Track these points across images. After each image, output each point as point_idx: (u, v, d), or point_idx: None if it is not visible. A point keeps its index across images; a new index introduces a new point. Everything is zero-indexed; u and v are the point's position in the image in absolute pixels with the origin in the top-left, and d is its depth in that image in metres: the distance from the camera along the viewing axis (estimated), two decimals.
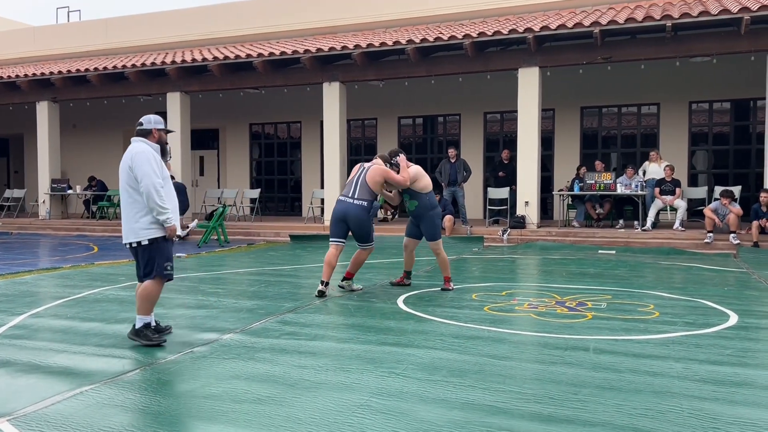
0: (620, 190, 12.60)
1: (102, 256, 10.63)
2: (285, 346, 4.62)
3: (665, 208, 12.69)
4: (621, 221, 13.14)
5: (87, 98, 17.17)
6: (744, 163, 14.50)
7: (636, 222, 12.67)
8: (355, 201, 6.71)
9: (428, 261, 9.46)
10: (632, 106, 15.20)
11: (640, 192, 12.49)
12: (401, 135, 17.29)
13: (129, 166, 4.66)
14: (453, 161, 13.67)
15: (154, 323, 4.92)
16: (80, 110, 19.01)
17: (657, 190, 12.58)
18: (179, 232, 4.77)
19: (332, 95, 14.45)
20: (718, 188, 12.47)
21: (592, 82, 14.43)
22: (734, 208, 11.26)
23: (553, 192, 14.52)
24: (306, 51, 14.13)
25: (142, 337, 4.65)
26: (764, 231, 11.12)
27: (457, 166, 13.60)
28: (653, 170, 13.06)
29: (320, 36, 16.70)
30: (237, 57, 14.71)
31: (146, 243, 4.65)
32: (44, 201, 17.47)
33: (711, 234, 11.21)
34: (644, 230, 12.16)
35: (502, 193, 13.89)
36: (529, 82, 12.89)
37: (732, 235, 11.08)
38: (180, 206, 14.08)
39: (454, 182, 13.57)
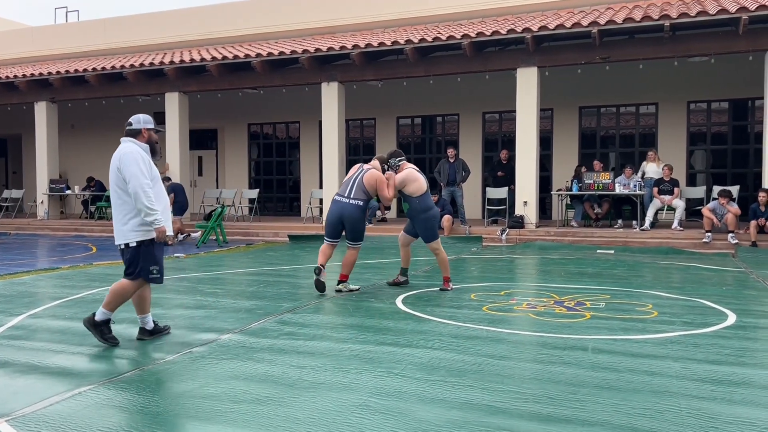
0: (619, 190, 12.61)
1: (100, 257, 10.62)
2: (283, 346, 4.62)
3: (663, 208, 12.71)
4: (619, 221, 13.16)
5: (85, 98, 17.16)
6: (742, 163, 14.51)
7: (634, 222, 12.68)
8: (351, 200, 6.84)
9: (427, 261, 9.46)
10: (630, 106, 15.21)
11: (639, 192, 12.50)
12: (400, 135, 17.29)
13: (117, 168, 4.61)
14: (452, 161, 13.67)
15: (152, 323, 4.92)
16: (79, 110, 19.00)
17: (655, 190, 12.59)
18: (170, 233, 4.70)
19: (331, 95, 14.45)
20: (717, 188, 12.49)
21: (591, 82, 14.44)
22: (732, 208, 11.27)
23: (552, 192, 14.53)
24: (304, 51, 14.13)
25: (97, 332, 4.59)
26: (763, 230, 11.13)
27: (456, 166, 13.61)
28: (651, 170, 13.09)
29: (319, 36, 16.70)
30: (235, 57, 14.70)
31: (133, 245, 4.61)
32: (42, 201, 17.46)
33: (709, 234, 11.22)
34: (643, 230, 12.17)
35: (501, 193, 13.89)
36: (528, 82, 12.89)
37: (730, 235, 11.09)
38: (179, 207, 14.21)
39: (453, 182, 13.57)
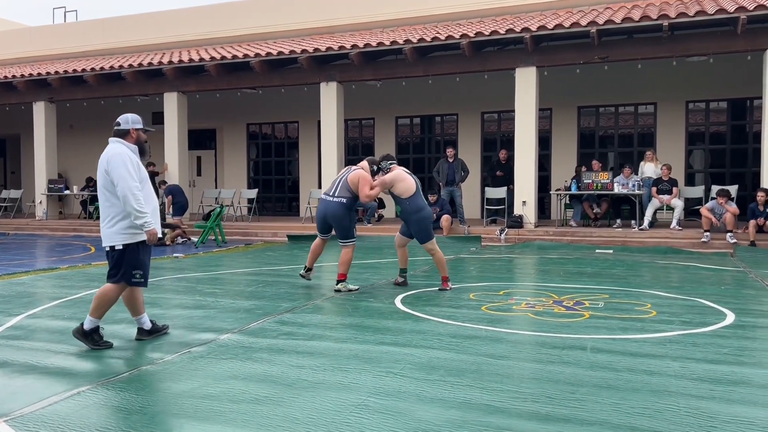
0: (617, 190, 12.62)
1: (99, 257, 10.61)
2: (282, 346, 4.61)
3: (662, 208, 12.71)
4: (618, 221, 13.16)
5: (84, 98, 17.15)
6: (741, 163, 14.52)
7: (633, 221, 12.69)
8: (335, 199, 6.99)
9: (425, 261, 9.45)
10: (629, 106, 15.22)
11: (638, 191, 12.50)
12: (398, 135, 17.30)
13: (105, 170, 4.54)
14: (451, 161, 13.67)
15: (150, 323, 4.90)
16: (77, 110, 18.98)
17: (654, 190, 12.59)
18: (159, 235, 4.63)
19: (329, 95, 14.45)
20: (715, 187, 12.49)
21: (589, 82, 14.45)
22: (731, 208, 11.27)
23: (551, 191, 14.53)
24: (303, 51, 14.13)
25: (89, 341, 4.54)
26: (761, 230, 11.14)
27: (455, 166, 13.61)
28: (649, 170, 13.09)
29: (317, 36, 16.70)
30: (234, 57, 14.70)
31: (120, 248, 4.55)
32: (41, 201, 17.45)
33: (708, 233, 11.23)
34: (641, 229, 12.17)
35: (500, 193, 13.90)
36: (527, 82, 12.90)
37: (729, 234, 11.10)
38: (179, 207, 14.22)
39: (452, 182, 13.56)
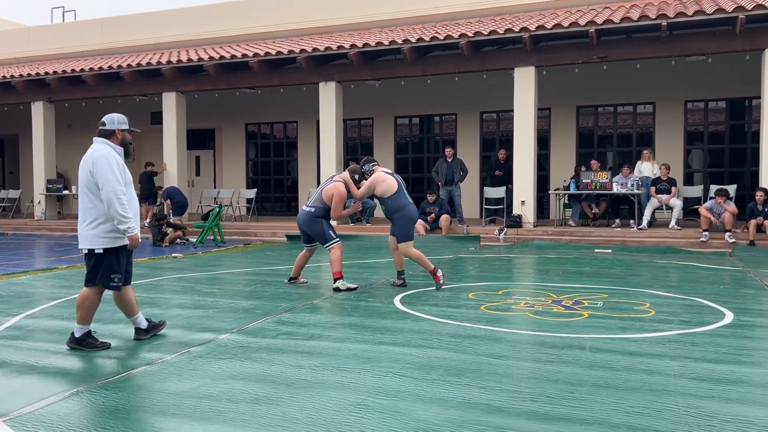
0: (616, 189, 12.62)
1: None
2: (282, 346, 4.61)
3: (661, 207, 12.72)
4: (617, 220, 13.17)
5: (82, 98, 17.13)
6: (739, 162, 14.54)
7: (632, 221, 12.69)
8: (306, 208, 7.27)
9: None
10: (628, 106, 15.23)
11: (636, 191, 12.51)
12: (397, 134, 17.29)
13: (90, 171, 4.45)
14: (449, 161, 13.67)
15: (146, 322, 4.87)
16: (76, 110, 18.96)
17: (653, 189, 12.60)
18: (140, 239, 4.58)
19: (328, 95, 14.44)
20: (714, 187, 12.50)
21: (588, 82, 14.45)
22: (729, 207, 11.28)
23: (550, 191, 14.54)
24: (302, 51, 14.12)
25: (84, 346, 4.52)
26: (760, 229, 11.15)
27: (454, 166, 13.61)
28: (646, 169, 13.10)
29: (316, 36, 16.69)
30: (233, 57, 14.69)
31: (100, 251, 4.48)
32: (40, 201, 17.43)
33: (707, 233, 11.24)
34: (640, 229, 12.18)
35: (499, 193, 13.90)
36: (525, 82, 12.90)
37: (727, 234, 11.10)
38: (179, 207, 14.21)
39: (451, 182, 13.56)
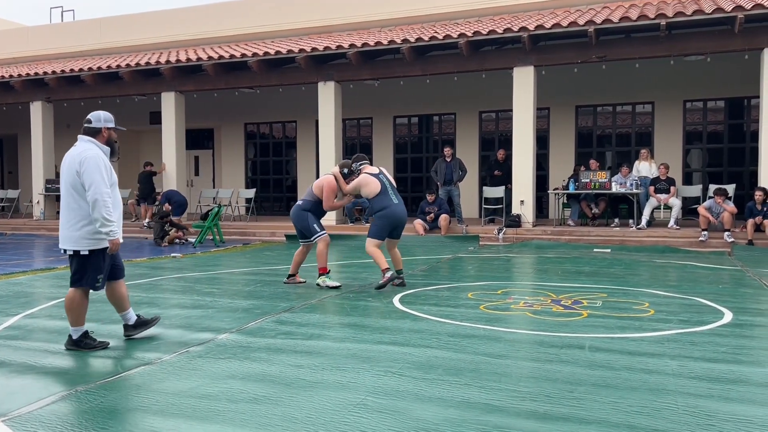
0: (615, 189, 12.62)
1: None
2: (281, 346, 4.61)
3: (660, 207, 12.72)
4: (616, 220, 13.17)
5: (81, 98, 17.11)
6: (738, 162, 14.55)
7: (631, 220, 12.69)
8: (297, 202, 7.48)
9: (424, 260, 9.47)
10: (627, 105, 15.23)
11: (635, 190, 12.51)
12: (397, 134, 17.29)
13: (77, 171, 4.37)
14: (448, 160, 13.67)
15: (135, 317, 4.85)
16: (75, 110, 18.87)
17: (652, 189, 12.61)
18: (121, 241, 4.55)
19: (327, 95, 14.44)
20: (713, 186, 12.51)
21: (587, 81, 14.46)
22: (728, 207, 11.29)
23: (549, 191, 14.55)
24: (301, 50, 14.12)
25: (82, 347, 4.51)
26: (759, 229, 11.16)
27: (453, 165, 13.60)
28: (644, 169, 13.11)
29: (315, 35, 16.69)
30: (232, 56, 14.69)
31: (85, 253, 4.44)
32: (38, 201, 17.43)
33: (705, 232, 11.24)
34: (639, 229, 12.18)
35: (498, 192, 13.91)
36: (524, 81, 12.90)
37: (726, 233, 11.11)
38: (179, 207, 14.20)
39: (450, 181, 13.56)
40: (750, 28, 11.48)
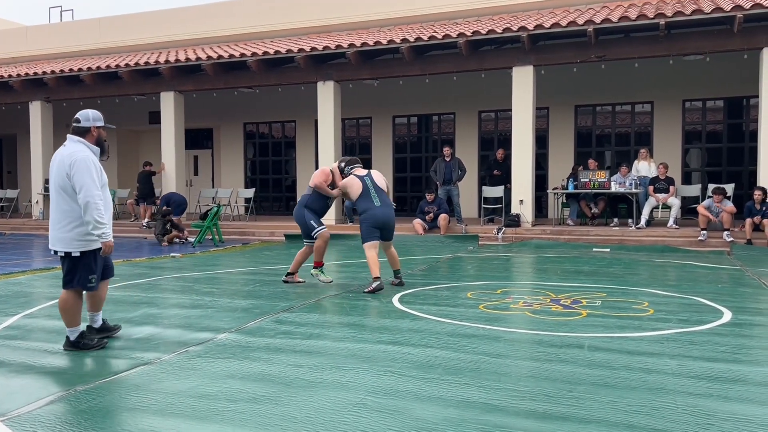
0: (614, 188, 12.62)
1: None
2: (280, 346, 4.61)
3: (659, 206, 12.72)
4: (615, 219, 13.17)
5: (80, 98, 17.09)
6: (737, 161, 14.55)
7: (630, 220, 12.70)
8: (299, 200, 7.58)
9: (423, 260, 9.46)
10: (626, 105, 15.24)
11: (635, 190, 12.52)
12: (396, 134, 17.29)
13: (67, 173, 4.33)
14: (448, 160, 13.66)
15: (101, 321, 4.83)
16: (74, 110, 18.52)
17: (651, 188, 12.61)
18: (113, 245, 4.52)
19: (326, 94, 14.44)
20: (712, 186, 12.51)
21: (586, 81, 14.46)
22: (727, 206, 11.29)
23: (548, 190, 14.55)
24: (300, 50, 14.12)
25: (82, 347, 4.50)
26: (758, 228, 11.16)
27: (452, 165, 13.60)
28: (643, 168, 13.12)
29: (314, 35, 16.68)
30: (231, 56, 14.68)
31: (77, 255, 4.41)
32: (38, 201, 17.41)
33: (705, 232, 11.25)
34: (638, 228, 12.19)
35: (497, 192, 13.91)
36: (524, 81, 12.90)
37: (725, 233, 11.11)
38: (178, 207, 14.19)
39: (449, 181, 13.56)
40: (749, 28, 11.48)
